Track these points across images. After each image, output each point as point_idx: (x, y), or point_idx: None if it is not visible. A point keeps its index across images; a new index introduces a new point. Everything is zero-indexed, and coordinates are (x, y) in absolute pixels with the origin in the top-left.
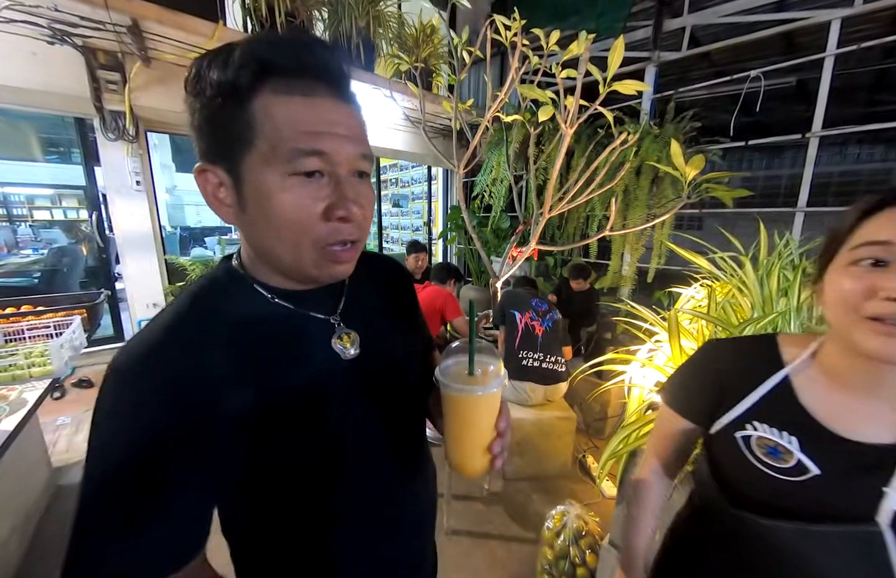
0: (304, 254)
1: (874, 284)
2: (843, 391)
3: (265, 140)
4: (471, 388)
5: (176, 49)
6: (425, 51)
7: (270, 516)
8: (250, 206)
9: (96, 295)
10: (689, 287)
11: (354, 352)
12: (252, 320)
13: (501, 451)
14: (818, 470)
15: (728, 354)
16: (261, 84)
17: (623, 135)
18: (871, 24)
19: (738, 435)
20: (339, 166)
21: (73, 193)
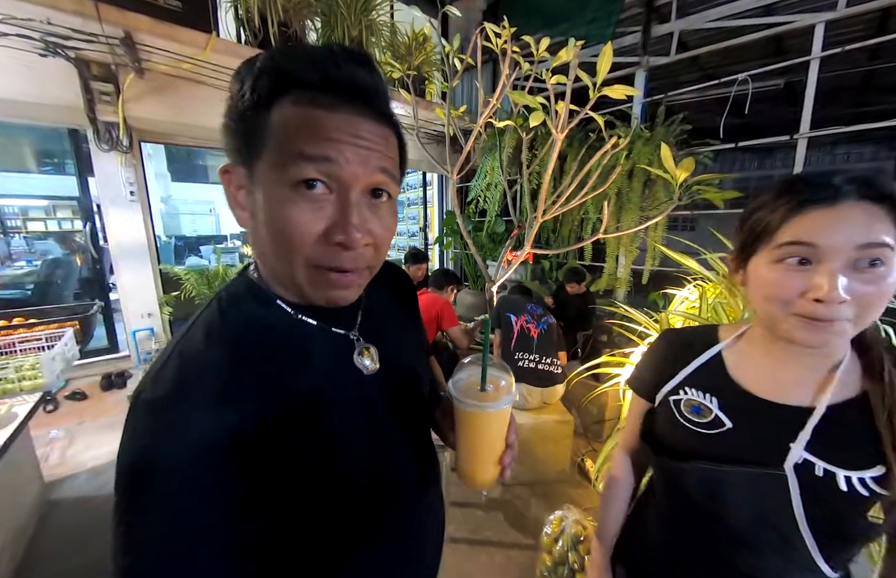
0: (296, 272)
1: (802, 285)
2: (767, 361)
3: (276, 146)
4: (484, 405)
5: (169, 60)
6: (418, 58)
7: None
8: (257, 212)
9: (89, 306)
10: (684, 288)
11: (374, 367)
12: (276, 338)
13: (510, 462)
14: (731, 424)
15: (675, 337)
16: (281, 93)
17: (613, 139)
18: (855, 28)
19: (671, 399)
20: (351, 182)
21: (68, 204)
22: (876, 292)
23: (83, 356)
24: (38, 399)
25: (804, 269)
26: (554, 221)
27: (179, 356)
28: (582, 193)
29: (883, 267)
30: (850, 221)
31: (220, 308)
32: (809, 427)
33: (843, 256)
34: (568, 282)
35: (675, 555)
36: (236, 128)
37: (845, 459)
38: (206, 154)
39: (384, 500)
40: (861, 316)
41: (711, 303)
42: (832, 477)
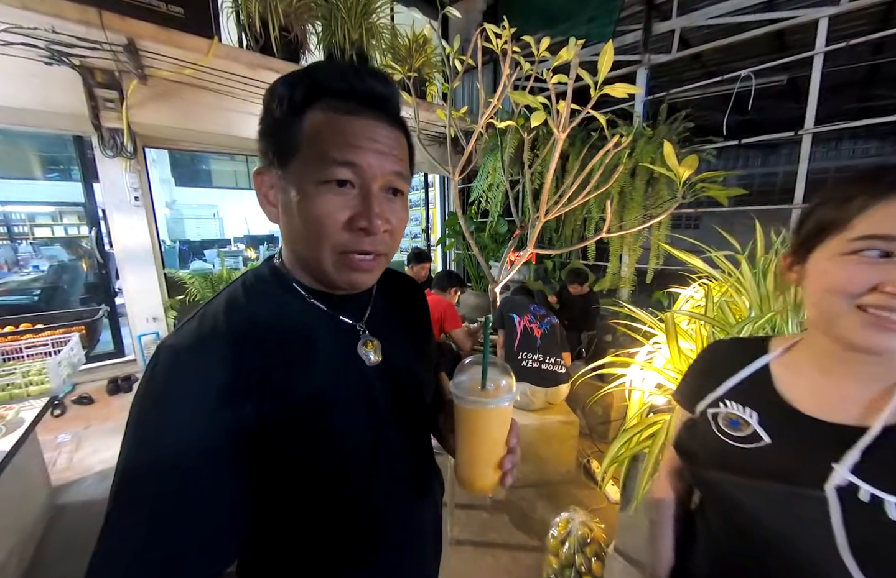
0: (325, 257)
1: (878, 277)
2: (817, 376)
3: (309, 148)
4: (484, 401)
5: (172, 66)
6: (418, 60)
7: (283, 519)
8: (289, 207)
9: (95, 311)
10: (688, 287)
11: (377, 359)
12: (288, 316)
13: (512, 468)
14: (769, 440)
15: (723, 348)
16: (314, 101)
17: (615, 138)
18: (859, 22)
19: (710, 412)
20: (372, 181)
21: (73, 210)
22: None
23: (89, 360)
24: (45, 403)
25: (883, 262)
26: (556, 221)
27: (202, 317)
28: (584, 192)
29: None
30: None
31: (243, 284)
32: (859, 447)
33: None
34: (570, 283)
35: (718, 565)
36: (272, 135)
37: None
38: (209, 159)
39: (377, 490)
40: None
41: (717, 302)
42: (880, 503)
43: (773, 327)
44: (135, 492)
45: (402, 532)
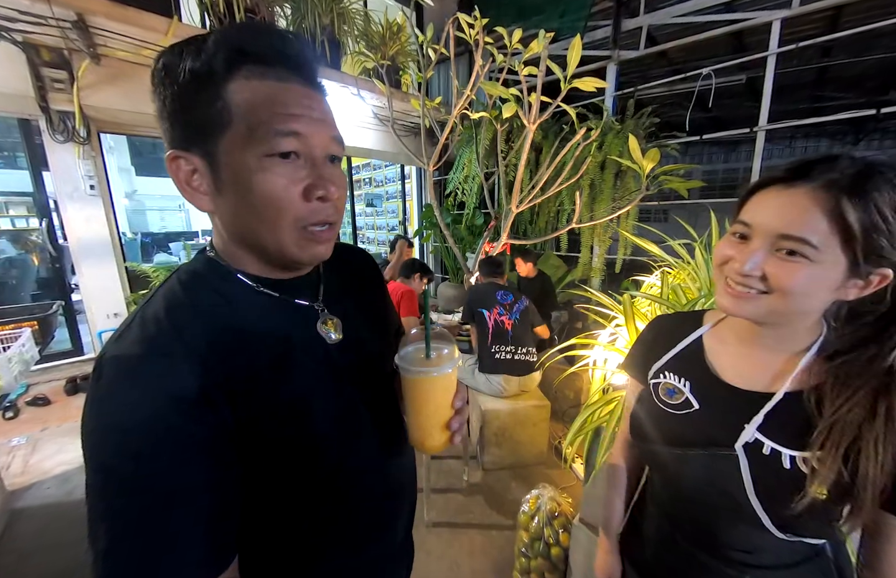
0: (286, 234)
1: (728, 254)
2: (737, 346)
3: (242, 121)
4: (427, 369)
5: (128, 46)
6: (392, 48)
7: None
8: (229, 190)
9: (48, 306)
10: (652, 274)
11: (337, 337)
12: (239, 311)
13: (459, 428)
14: (697, 406)
15: (666, 322)
16: (236, 69)
17: (583, 131)
18: (809, 25)
19: (652, 382)
20: (315, 148)
21: (21, 201)
22: (787, 278)
23: (44, 359)
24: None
25: (740, 243)
26: (531, 213)
27: (142, 320)
28: (556, 184)
29: (801, 259)
30: (783, 209)
31: (179, 280)
32: (763, 412)
33: (766, 239)
34: (517, 262)
35: (667, 533)
36: (185, 115)
37: (792, 440)
38: None
39: (349, 467)
40: (776, 295)
41: (671, 286)
42: (778, 455)
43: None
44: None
45: (379, 491)
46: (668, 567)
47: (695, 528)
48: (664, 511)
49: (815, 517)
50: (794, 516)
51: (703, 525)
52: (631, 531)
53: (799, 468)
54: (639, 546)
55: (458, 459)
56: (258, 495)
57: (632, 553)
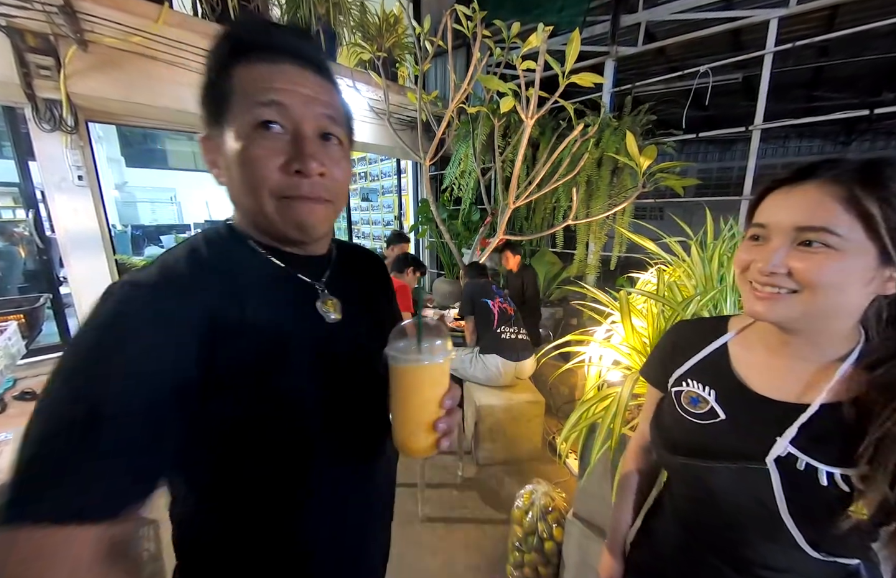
0: (265, 203)
1: (749, 257)
2: (765, 355)
3: (237, 102)
4: (417, 357)
5: (117, 32)
6: (389, 40)
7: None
8: (227, 162)
9: (35, 299)
10: (647, 271)
11: (336, 317)
12: (245, 271)
13: (447, 431)
14: (724, 416)
15: (686, 328)
16: (238, 57)
17: (580, 127)
18: (806, 25)
19: (674, 390)
20: (302, 121)
21: (7, 191)
22: (810, 270)
23: (32, 353)
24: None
25: (757, 245)
26: (527, 209)
27: (163, 262)
28: (553, 180)
29: (823, 248)
30: (797, 204)
31: (204, 237)
32: (797, 424)
33: (785, 235)
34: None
35: (686, 544)
36: (207, 98)
37: (830, 456)
38: (164, 137)
39: (329, 446)
40: (806, 292)
41: (667, 284)
42: (814, 472)
43: (714, 305)
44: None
45: (350, 493)
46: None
47: (720, 542)
48: (685, 523)
49: (854, 537)
50: (831, 536)
51: (729, 539)
52: (642, 538)
53: (839, 485)
54: (651, 554)
55: (453, 454)
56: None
57: (641, 561)
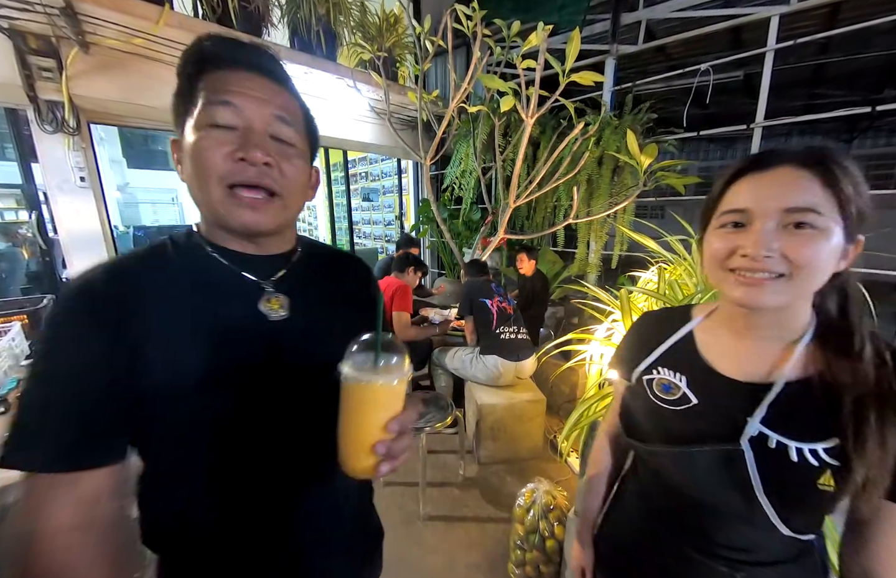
0: (213, 193)
1: (733, 243)
2: (730, 338)
3: (196, 104)
4: (357, 376)
5: (118, 34)
6: (389, 40)
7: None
8: (183, 159)
9: (38, 300)
10: (648, 270)
11: (283, 315)
12: (183, 268)
13: (389, 456)
14: (696, 401)
15: (653, 318)
16: (201, 67)
17: (581, 125)
18: (807, 22)
19: (645, 378)
20: (251, 120)
21: (10, 193)
22: (805, 251)
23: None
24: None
25: (738, 231)
26: (528, 208)
27: (94, 266)
28: (554, 179)
29: (811, 229)
30: (778, 186)
31: (150, 242)
32: (765, 403)
33: (772, 218)
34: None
35: (651, 529)
36: (176, 106)
37: (798, 432)
38: (165, 138)
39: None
40: (795, 274)
41: (668, 282)
42: (784, 449)
43: None
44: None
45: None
46: (652, 562)
47: (688, 525)
48: (651, 508)
49: (820, 510)
50: (802, 510)
51: (698, 522)
52: (608, 524)
53: (808, 460)
54: (615, 540)
55: (454, 453)
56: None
57: (605, 550)
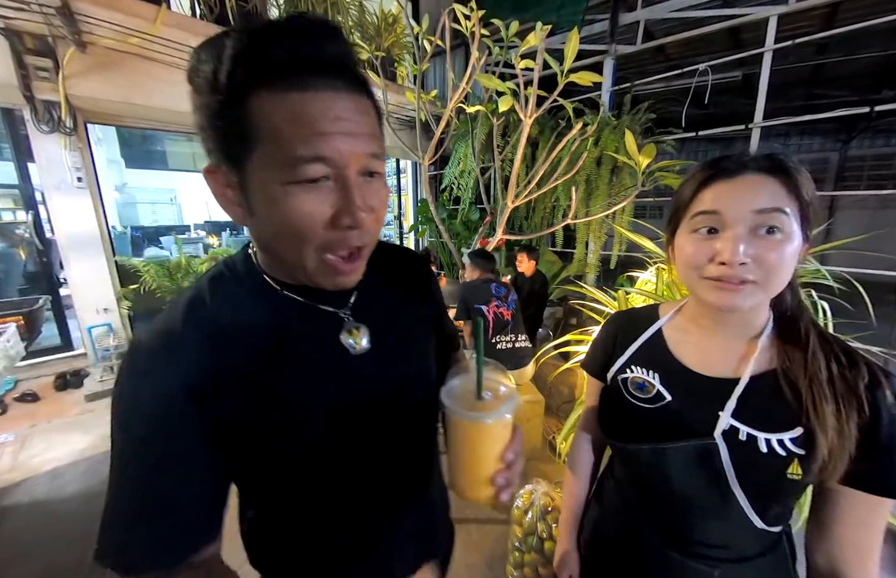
0: (308, 262)
1: (710, 251)
2: (698, 335)
3: (266, 143)
4: (479, 415)
5: (114, 33)
6: (387, 40)
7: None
8: (257, 210)
9: (34, 300)
10: (647, 270)
11: (365, 346)
12: (259, 310)
13: (506, 486)
14: (670, 398)
15: (623, 317)
16: (256, 81)
17: (579, 125)
18: (805, 22)
19: (620, 377)
20: (346, 169)
21: (8, 193)
22: (776, 256)
23: (32, 355)
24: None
25: (712, 237)
26: (527, 208)
27: (172, 306)
28: (552, 179)
29: (780, 233)
30: (749, 190)
31: (212, 279)
32: (734, 397)
33: (744, 223)
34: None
35: (630, 529)
36: (215, 128)
37: (765, 424)
38: (164, 139)
39: (357, 484)
40: (767, 279)
41: (666, 282)
42: (754, 440)
43: None
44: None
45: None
46: (633, 563)
47: (667, 526)
48: (630, 507)
49: (793, 499)
50: (774, 500)
51: (676, 522)
52: (588, 525)
53: (775, 450)
54: (598, 541)
55: None
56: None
57: (589, 549)
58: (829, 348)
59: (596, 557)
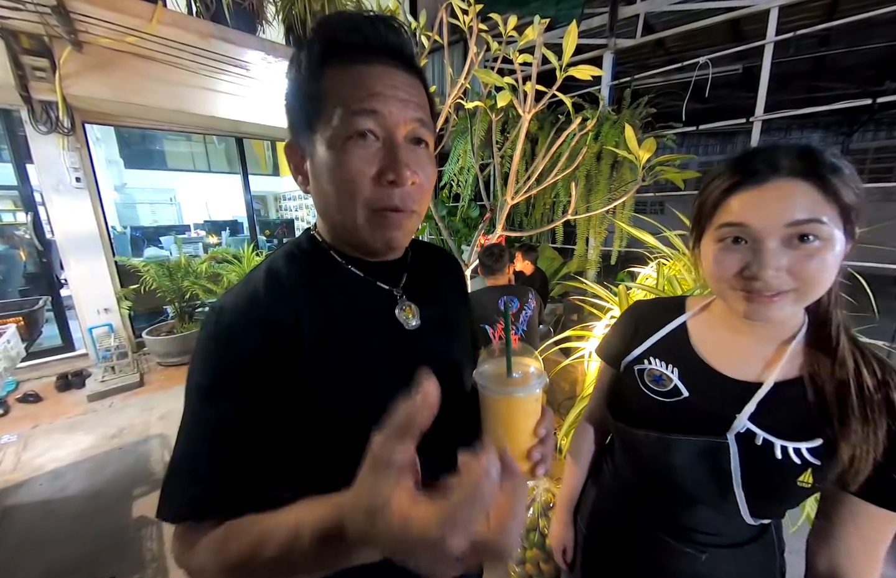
0: (358, 216)
1: (738, 263)
2: (726, 333)
3: (332, 104)
4: (512, 390)
5: (111, 32)
6: None
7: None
8: (318, 173)
9: (34, 301)
10: (647, 265)
11: (416, 324)
12: (327, 282)
13: (542, 459)
14: (687, 394)
15: (645, 308)
16: (329, 59)
17: (578, 120)
18: (807, 13)
19: (636, 368)
20: (395, 129)
21: (7, 194)
22: (812, 266)
23: (33, 356)
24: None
25: (739, 248)
26: (527, 204)
27: (247, 280)
28: (552, 175)
29: (817, 241)
30: (780, 200)
31: (284, 254)
32: (754, 401)
33: (775, 234)
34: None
35: (626, 510)
36: (296, 103)
37: (784, 431)
38: (163, 138)
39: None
40: (803, 289)
41: (667, 277)
42: (770, 446)
43: None
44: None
45: None
46: (626, 541)
47: (661, 511)
48: (627, 489)
49: (795, 503)
50: (775, 504)
51: (669, 508)
52: (586, 504)
53: (791, 458)
54: (594, 519)
55: None
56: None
57: (585, 526)
58: (861, 354)
59: (590, 533)
